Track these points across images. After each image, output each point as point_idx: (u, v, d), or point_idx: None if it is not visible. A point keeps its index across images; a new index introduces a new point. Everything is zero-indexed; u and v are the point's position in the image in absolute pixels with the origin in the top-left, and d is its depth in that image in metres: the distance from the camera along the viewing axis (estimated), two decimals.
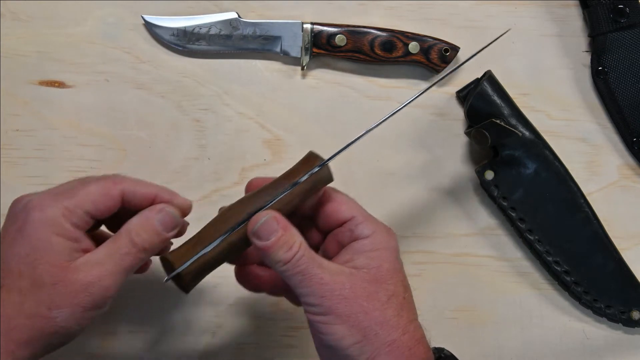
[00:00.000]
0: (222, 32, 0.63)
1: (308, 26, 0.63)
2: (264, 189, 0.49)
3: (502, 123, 0.61)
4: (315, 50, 0.63)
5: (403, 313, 0.47)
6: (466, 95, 0.64)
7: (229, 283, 0.62)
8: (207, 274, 0.48)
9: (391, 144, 0.65)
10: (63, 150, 0.63)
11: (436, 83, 0.58)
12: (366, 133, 0.49)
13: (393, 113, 0.50)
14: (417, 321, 0.49)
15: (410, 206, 0.64)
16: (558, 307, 0.64)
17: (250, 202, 0.48)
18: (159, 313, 0.62)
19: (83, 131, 0.63)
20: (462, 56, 0.65)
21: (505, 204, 0.62)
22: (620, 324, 0.63)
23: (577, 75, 0.66)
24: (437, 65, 0.64)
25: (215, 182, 0.63)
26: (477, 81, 0.64)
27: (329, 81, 0.65)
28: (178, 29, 0.63)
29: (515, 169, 0.62)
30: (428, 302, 0.64)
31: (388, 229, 0.50)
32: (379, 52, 0.63)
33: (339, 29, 0.63)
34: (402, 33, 0.64)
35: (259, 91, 0.65)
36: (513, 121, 0.62)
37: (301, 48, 0.63)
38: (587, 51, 0.66)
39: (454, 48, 0.64)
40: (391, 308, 0.46)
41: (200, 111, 0.64)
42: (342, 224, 0.50)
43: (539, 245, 0.62)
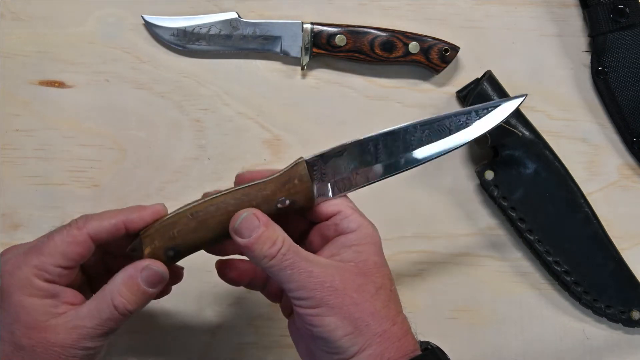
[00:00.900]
0: (222, 32, 0.63)
1: (308, 26, 0.63)
2: (248, 185, 0.49)
3: (502, 123, 0.61)
4: (315, 50, 0.63)
5: (391, 305, 0.48)
6: (466, 95, 0.64)
7: (228, 284, 0.62)
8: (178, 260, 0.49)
9: None
10: (63, 150, 0.63)
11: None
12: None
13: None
14: (404, 314, 0.49)
15: (410, 206, 0.64)
16: (558, 307, 0.64)
17: (231, 195, 0.49)
18: (159, 313, 0.62)
19: (83, 131, 0.63)
20: (462, 56, 0.65)
21: (505, 204, 0.62)
22: (620, 324, 0.63)
23: (577, 75, 0.66)
24: (437, 65, 0.64)
25: (215, 182, 0.63)
26: (477, 81, 0.64)
27: (329, 81, 0.65)
28: (178, 29, 0.63)
29: (515, 169, 0.62)
30: (428, 302, 0.64)
31: (373, 225, 0.50)
32: (379, 52, 0.63)
33: (339, 29, 0.63)
34: (402, 33, 0.64)
35: (259, 91, 0.65)
36: (513, 121, 0.62)
37: (301, 48, 0.63)
38: (587, 51, 0.66)
39: (454, 48, 0.64)
40: (380, 300, 0.47)
41: (200, 111, 0.64)
42: (329, 218, 0.50)
43: (539, 245, 0.62)
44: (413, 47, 0.63)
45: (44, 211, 0.62)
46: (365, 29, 0.63)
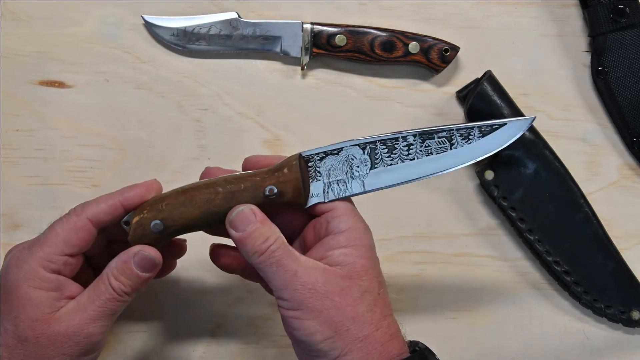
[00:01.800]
0: (222, 32, 0.63)
1: (308, 26, 0.63)
2: (243, 172, 0.50)
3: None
4: (315, 50, 0.63)
5: (376, 309, 0.47)
6: (466, 95, 0.64)
7: (229, 283, 0.62)
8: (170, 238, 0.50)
9: None
10: (63, 150, 0.63)
11: None
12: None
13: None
14: (392, 317, 0.48)
15: (410, 206, 0.64)
16: (558, 307, 0.64)
17: (223, 177, 0.50)
18: (159, 313, 0.62)
19: (83, 131, 0.63)
20: (462, 56, 0.65)
21: (505, 204, 0.62)
22: (620, 324, 0.63)
23: (577, 75, 0.66)
24: (437, 65, 0.64)
25: None
26: (477, 81, 0.64)
27: (329, 81, 0.65)
28: (178, 29, 0.63)
29: (515, 169, 0.62)
30: (428, 302, 0.64)
31: (365, 226, 0.50)
32: (379, 52, 0.63)
33: (339, 29, 0.63)
34: (402, 33, 0.64)
35: (259, 91, 0.65)
36: None
37: (301, 48, 0.63)
38: (587, 51, 0.66)
39: (454, 48, 0.64)
40: (364, 304, 0.46)
41: (200, 111, 0.64)
42: (321, 214, 0.50)
43: (539, 245, 0.62)
44: (413, 47, 0.63)
45: (44, 211, 0.62)
46: (365, 29, 0.63)
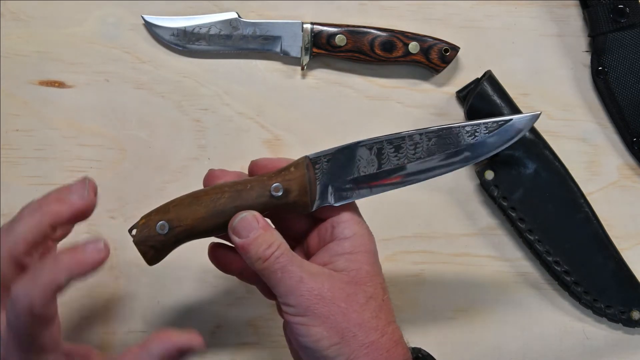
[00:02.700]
0: (222, 32, 0.63)
1: (308, 26, 0.63)
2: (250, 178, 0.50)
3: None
4: (315, 50, 0.63)
5: (381, 315, 0.47)
6: (466, 95, 0.64)
7: (229, 283, 0.62)
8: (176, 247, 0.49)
9: None
10: (63, 150, 0.63)
11: None
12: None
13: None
14: (395, 323, 0.48)
15: (410, 206, 0.64)
16: (558, 307, 0.64)
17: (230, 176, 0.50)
18: (159, 313, 0.62)
19: (83, 131, 0.63)
20: (462, 56, 0.65)
21: (505, 204, 0.62)
22: (620, 324, 0.63)
23: (577, 75, 0.66)
24: (437, 65, 0.64)
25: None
26: (477, 81, 0.64)
27: (329, 81, 0.65)
28: (178, 29, 0.63)
29: (515, 169, 0.62)
30: (428, 302, 0.64)
31: (369, 232, 0.49)
32: (379, 52, 0.63)
33: (339, 29, 0.63)
34: (402, 33, 0.64)
35: (259, 91, 0.65)
36: None
37: (301, 48, 0.63)
38: (587, 51, 0.66)
39: (454, 48, 0.64)
40: (369, 310, 0.46)
41: (200, 111, 0.64)
42: (326, 218, 0.49)
43: (539, 245, 0.62)
44: (413, 47, 0.63)
45: None
46: (365, 29, 0.63)
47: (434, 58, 0.64)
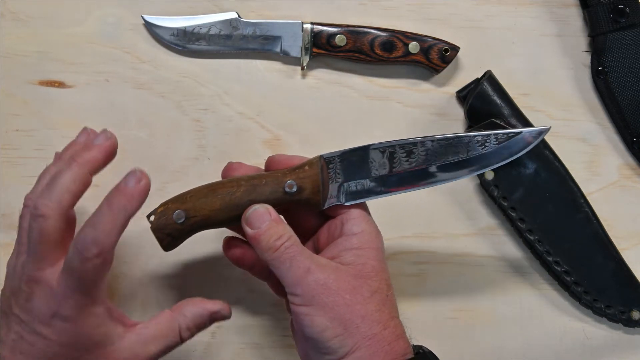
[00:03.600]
0: (222, 32, 0.63)
1: (308, 26, 0.63)
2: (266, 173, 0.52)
3: (502, 123, 0.61)
4: (315, 50, 0.63)
5: (385, 309, 0.48)
6: (466, 95, 0.64)
7: (229, 284, 0.62)
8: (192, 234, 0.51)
9: None
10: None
11: None
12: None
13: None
14: (398, 319, 0.49)
15: (410, 206, 0.64)
16: (558, 307, 0.64)
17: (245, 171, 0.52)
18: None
19: None
20: (462, 56, 0.65)
21: (505, 204, 0.62)
22: (620, 324, 0.63)
23: (577, 75, 0.66)
24: (437, 65, 0.64)
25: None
26: (477, 81, 0.64)
27: (329, 81, 0.65)
28: (178, 29, 0.63)
29: (515, 169, 0.62)
30: (428, 302, 0.64)
31: (377, 230, 0.51)
32: (379, 52, 0.63)
33: (339, 29, 0.63)
34: (402, 33, 0.64)
35: (259, 91, 0.65)
36: (513, 121, 0.62)
37: (301, 48, 0.63)
38: (587, 51, 0.66)
39: (454, 48, 0.64)
40: (373, 303, 0.47)
41: (200, 111, 0.64)
42: (336, 215, 0.51)
43: (539, 245, 0.62)
44: (413, 47, 0.63)
45: None
46: (365, 29, 0.63)
47: (434, 58, 0.64)
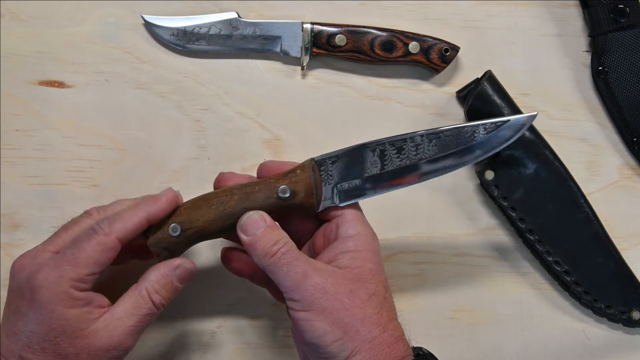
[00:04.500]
0: (222, 32, 0.63)
1: (308, 26, 0.63)
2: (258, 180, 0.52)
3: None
4: (315, 50, 0.63)
5: (383, 312, 0.48)
6: (466, 95, 0.64)
7: (229, 284, 0.62)
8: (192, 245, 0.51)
9: None
10: (63, 150, 0.63)
11: None
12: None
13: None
14: (397, 321, 0.49)
15: (410, 206, 0.64)
16: (558, 307, 0.64)
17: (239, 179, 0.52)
18: (159, 313, 0.62)
19: (83, 131, 0.63)
20: (462, 56, 0.65)
21: (505, 204, 0.62)
22: (620, 324, 0.63)
23: (577, 75, 0.66)
24: (437, 65, 0.64)
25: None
26: (477, 81, 0.64)
27: (329, 81, 0.65)
28: (178, 29, 0.63)
29: (515, 169, 0.62)
30: (428, 302, 0.64)
31: (372, 232, 0.51)
32: (379, 52, 0.63)
33: (339, 29, 0.63)
34: (402, 33, 0.64)
35: (259, 91, 0.65)
36: None
37: (301, 48, 0.63)
38: (587, 51, 0.66)
39: (454, 48, 0.64)
40: (371, 306, 0.47)
41: (200, 111, 0.64)
42: (332, 219, 0.51)
43: (539, 245, 0.62)
44: (413, 47, 0.63)
45: (44, 211, 0.62)
46: (365, 29, 0.63)
47: (434, 58, 0.64)
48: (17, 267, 0.49)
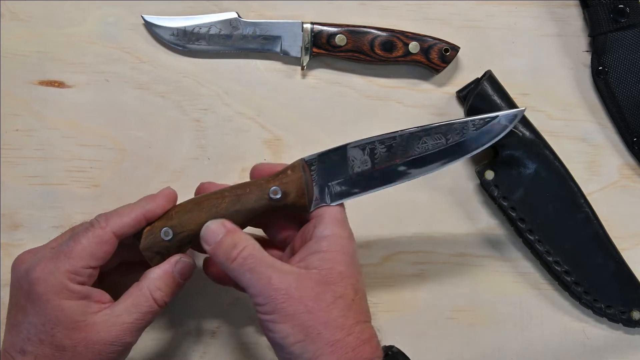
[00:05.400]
0: (222, 32, 0.63)
1: (308, 26, 0.63)
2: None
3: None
4: (315, 50, 0.63)
5: (350, 315, 0.48)
6: (466, 95, 0.64)
7: None
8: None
9: None
10: (63, 150, 0.63)
11: None
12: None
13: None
14: (367, 323, 0.49)
15: (410, 206, 0.64)
16: (558, 307, 0.64)
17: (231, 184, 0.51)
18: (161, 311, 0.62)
19: (83, 131, 0.63)
20: (462, 56, 0.65)
21: (505, 204, 0.62)
22: (620, 324, 0.63)
23: (577, 75, 0.66)
24: (437, 65, 0.64)
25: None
26: (477, 81, 0.64)
27: (329, 81, 0.65)
28: (178, 29, 0.63)
29: (515, 169, 0.62)
30: (428, 302, 0.64)
31: (349, 234, 0.51)
32: (379, 52, 0.63)
33: (339, 29, 0.63)
34: (402, 33, 0.64)
35: (259, 91, 0.65)
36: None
37: (301, 48, 0.63)
38: (587, 51, 0.66)
39: (454, 48, 0.64)
40: (337, 309, 0.47)
41: (200, 111, 0.64)
42: (312, 219, 0.51)
43: (539, 245, 0.62)
44: (413, 47, 0.63)
45: (44, 211, 0.62)
46: (365, 29, 0.63)
47: (434, 58, 0.64)
48: (18, 262, 0.50)
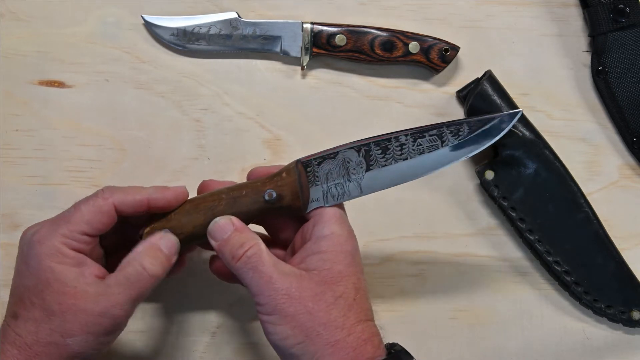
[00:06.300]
0: (222, 32, 0.63)
1: (308, 26, 0.63)
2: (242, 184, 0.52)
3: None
4: (315, 50, 0.63)
5: (350, 314, 0.48)
6: (466, 95, 0.64)
7: (230, 284, 0.62)
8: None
9: None
10: (63, 150, 0.63)
11: None
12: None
13: None
14: (369, 322, 0.49)
15: (410, 206, 0.64)
16: (558, 307, 0.64)
17: (227, 186, 0.51)
18: (159, 313, 0.62)
19: (83, 131, 0.63)
20: (462, 56, 0.65)
21: (505, 204, 0.62)
22: (620, 324, 0.63)
23: (577, 75, 0.66)
24: (437, 65, 0.64)
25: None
26: (477, 81, 0.64)
27: (329, 81, 0.65)
28: (178, 29, 0.63)
29: (515, 169, 0.62)
30: (428, 302, 0.64)
31: (349, 233, 0.50)
32: (379, 52, 0.63)
33: (339, 29, 0.63)
34: (402, 33, 0.64)
35: (259, 91, 0.65)
36: None
37: (301, 48, 0.63)
38: (587, 51, 0.66)
39: (454, 48, 0.64)
40: (337, 309, 0.47)
41: (200, 111, 0.64)
42: (311, 218, 0.51)
43: (539, 245, 0.62)
44: (413, 47, 0.63)
45: (44, 211, 0.62)
46: (365, 29, 0.63)
47: (434, 58, 0.64)
48: (25, 230, 0.50)
